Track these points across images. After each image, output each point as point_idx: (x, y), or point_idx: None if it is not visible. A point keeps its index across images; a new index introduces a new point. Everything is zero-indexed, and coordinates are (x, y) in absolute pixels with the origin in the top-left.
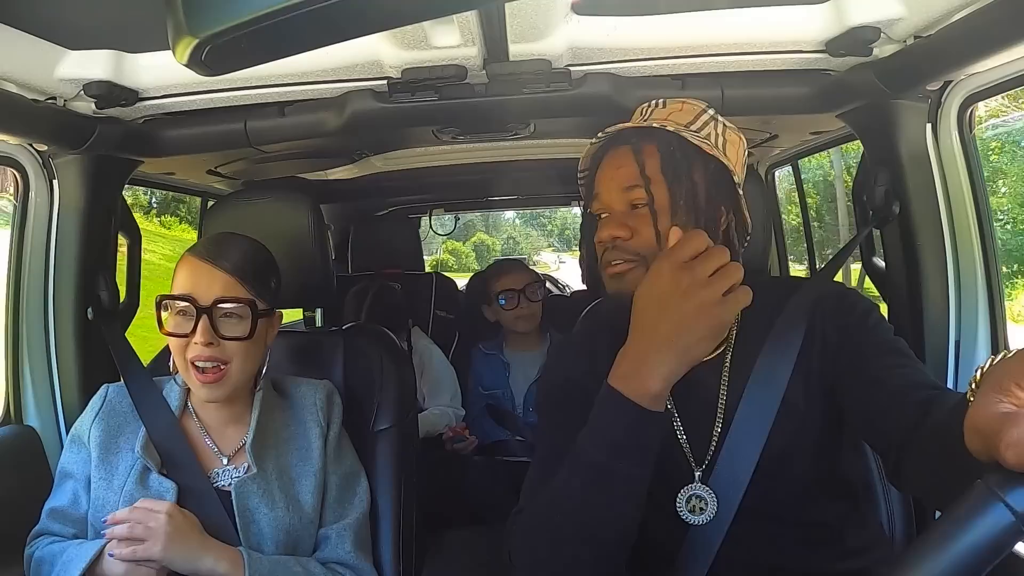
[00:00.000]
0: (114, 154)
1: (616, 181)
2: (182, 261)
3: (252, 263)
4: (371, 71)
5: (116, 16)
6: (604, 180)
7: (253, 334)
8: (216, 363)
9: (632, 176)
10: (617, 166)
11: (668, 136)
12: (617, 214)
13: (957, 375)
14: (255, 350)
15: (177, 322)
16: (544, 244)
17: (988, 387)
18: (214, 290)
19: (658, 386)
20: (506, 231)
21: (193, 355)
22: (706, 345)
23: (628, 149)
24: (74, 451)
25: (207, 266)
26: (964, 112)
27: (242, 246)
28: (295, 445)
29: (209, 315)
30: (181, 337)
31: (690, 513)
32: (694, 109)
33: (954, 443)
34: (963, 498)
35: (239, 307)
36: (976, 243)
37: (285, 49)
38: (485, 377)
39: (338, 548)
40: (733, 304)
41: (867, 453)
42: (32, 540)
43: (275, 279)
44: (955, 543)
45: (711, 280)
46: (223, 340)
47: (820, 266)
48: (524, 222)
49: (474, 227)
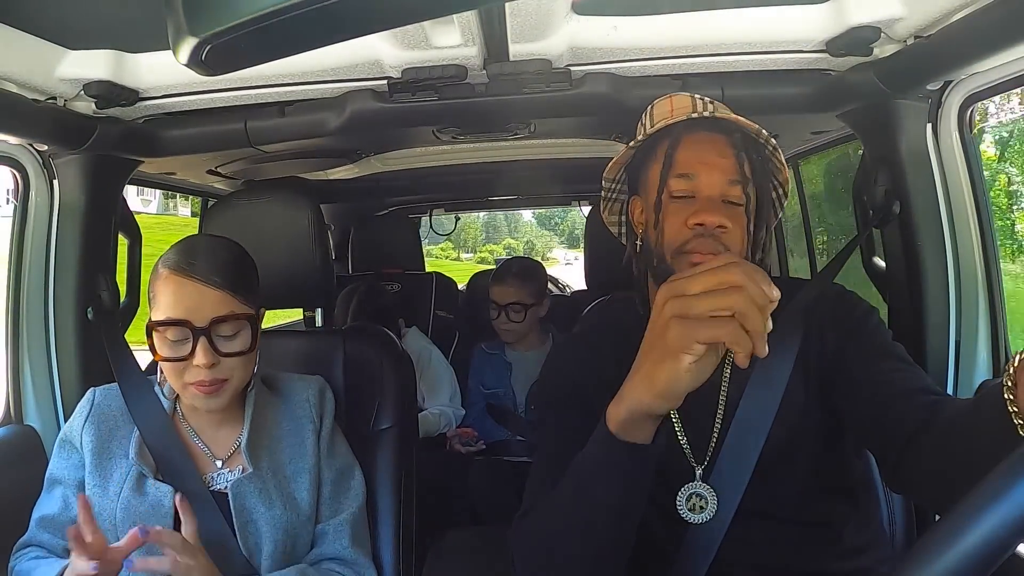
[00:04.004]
0: (114, 154)
1: (720, 170)
2: (161, 279)
3: (238, 272)
4: (371, 71)
5: (116, 16)
6: (702, 163)
7: (256, 346)
8: (216, 381)
9: (734, 170)
10: (720, 154)
11: (757, 144)
12: (714, 200)
13: (957, 375)
14: (253, 357)
15: (171, 347)
16: (556, 243)
17: None
18: (208, 310)
19: (620, 413)
20: (525, 234)
21: (194, 379)
22: (663, 385)
23: (726, 140)
24: (64, 456)
25: (195, 284)
26: (964, 112)
27: (222, 254)
28: (289, 442)
29: (208, 336)
30: (178, 361)
31: (690, 512)
32: (746, 122)
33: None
34: (1011, 456)
35: (240, 322)
36: (976, 243)
37: (285, 49)
38: (487, 376)
39: (335, 543)
40: (701, 365)
41: (867, 453)
42: (18, 551)
43: (256, 278)
44: (1010, 493)
45: (701, 322)
46: (224, 358)
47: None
48: (539, 225)
49: (503, 232)
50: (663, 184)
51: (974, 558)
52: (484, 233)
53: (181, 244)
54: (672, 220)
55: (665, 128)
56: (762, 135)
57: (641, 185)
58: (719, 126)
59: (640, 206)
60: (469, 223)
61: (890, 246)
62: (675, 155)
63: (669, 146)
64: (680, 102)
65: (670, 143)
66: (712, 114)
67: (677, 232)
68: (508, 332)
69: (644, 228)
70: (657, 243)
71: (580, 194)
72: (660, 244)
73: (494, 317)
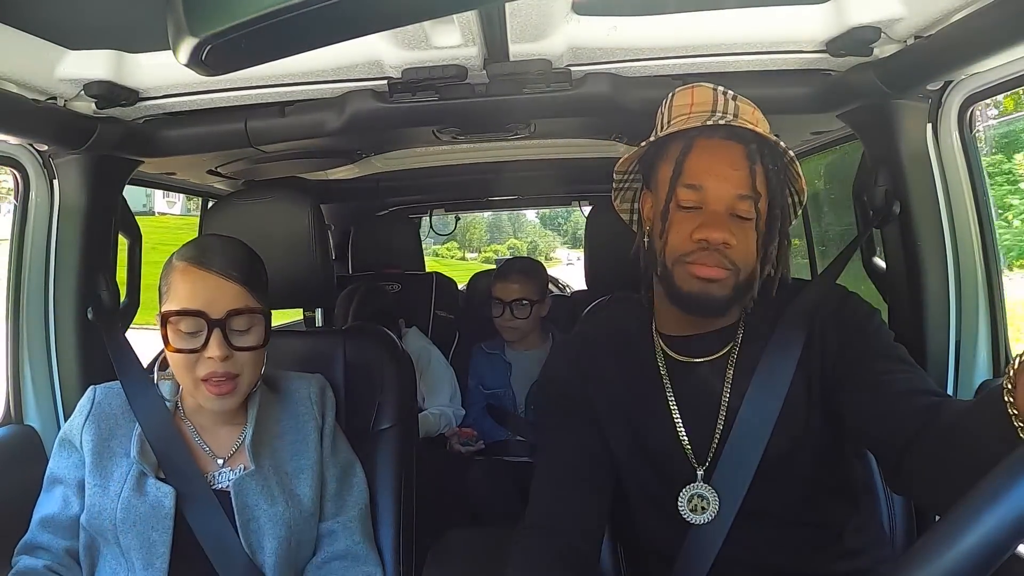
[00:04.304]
0: (114, 154)
1: (731, 183)
2: (178, 271)
3: (253, 269)
4: (371, 71)
5: (116, 16)
6: (712, 174)
7: (267, 341)
8: (229, 376)
9: (745, 184)
10: (732, 166)
11: (775, 153)
12: (720, 215)
13: (957, 376)
14: (263, 355)
15: (184, 338)
16: (559, 243)
17: None
18: (225, 303)
19: None
20: (529, 235)
21: (206, 372)
22: None
23: (742, 150)
24: (64, 455)
25: (214, 277)
26: (964, 112)
27: (237, 251)
28: (291, 440)
29: (223, 328)
30: (191, 353)
31: (692, 513)
32: (765, 122)
33: (963, 447)
34: (1010, 457)
35: (254, 316)
36: (976, 243)
37: (285, 49)
38: (486, 376)
39: (346, 540)
40: None
41: (868, 454)
42: (19, 553)
43: (266, 277)
44: (1009, 494)
45: None
46: (236, 352)
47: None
48: (542, 225)
49: (507, 232)
50: (671, 193)
51: (971, 560)
52: (488, 234)
53: (196, 241)
54: (677, 230)
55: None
56: (780, 145)
57: (652, 181)
58: (735, 134)
59: (650, 202)
60: (474, 224)
61: (890, 246)
62: (685, 162)
63: (681, 151)
64: (701, 96)
65: (683, 147)
66: (729, 122)
67: (681, 243)
68: (512, 330)
69: (651, 227)
70: (661, 250)
71: (580, 194)
72: (664, 251)
73: (498, 315)
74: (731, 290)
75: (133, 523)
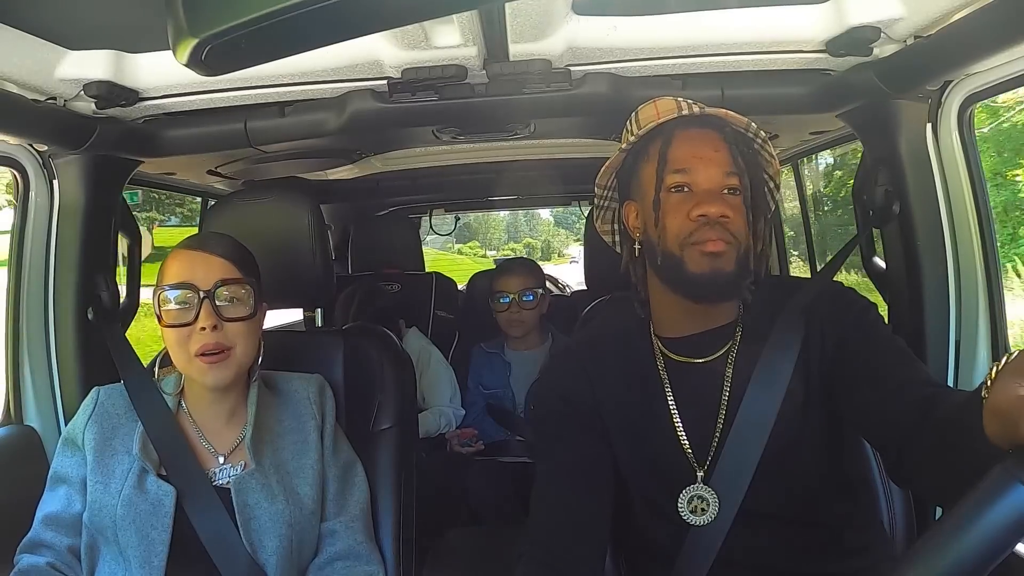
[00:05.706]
0: (114, 154)
1: (716, 163)
2: (172, 256)
3: (242, 251)
4: (371, 71)
5: (116, 16)
6: (697, 158)
7: (256, 313)
8: (220, 347)
9: (728, 162)
10: (714, 148)
11: (746, 139)
12: (713, 192)
13: (957, 375)
14: (255, 333)
15: (176, 313)
16: (572, 241)
17: (1009, 371)
18: (213, 274)
19: None
20: (543, 233)
21: (197, 345)
22: None
23: (719, 136)
24: (67, 454)
25: (202, 254)
26: (964, 112)
27: (226, 239)
28: (291, 439)
29: (211, 299)
30: (183, 327)
31: (691, 514)
32: (733, 117)
33: (963, 437)
34: (982, 481)
35: (241, 288)
36: (976, 243)
37: (285, 49)
38: (486, 376)
39: (348, 539)
40: None
41: (868, 453)
42: (22, 551)
43: (257, 270)
44: (975, 525)
45: None
46: (227, 323)
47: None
48: (556, 224)
49: (523, 232)
50: (660, 181)
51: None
52: (507, 234)
53: (194, 235)
54: (674, 214)
55: (656, 128)
56: (751, 128)
57: (634, 189)
58: (709, 122)
59: (635, 210)
60: (493, 224)
61: (890, 246)
62: (669, 152)
63: (662, 145)
64: (665, 105)
65: (663, 142)
66: (700, 112)
67: (681, 225)
68: (519, 324)
69: (642, 230)
70: (661, 239)
71: (580, 194)
72: (664, 239)
73: (503, 309)
74: (735, 264)
75: (133, 520)
